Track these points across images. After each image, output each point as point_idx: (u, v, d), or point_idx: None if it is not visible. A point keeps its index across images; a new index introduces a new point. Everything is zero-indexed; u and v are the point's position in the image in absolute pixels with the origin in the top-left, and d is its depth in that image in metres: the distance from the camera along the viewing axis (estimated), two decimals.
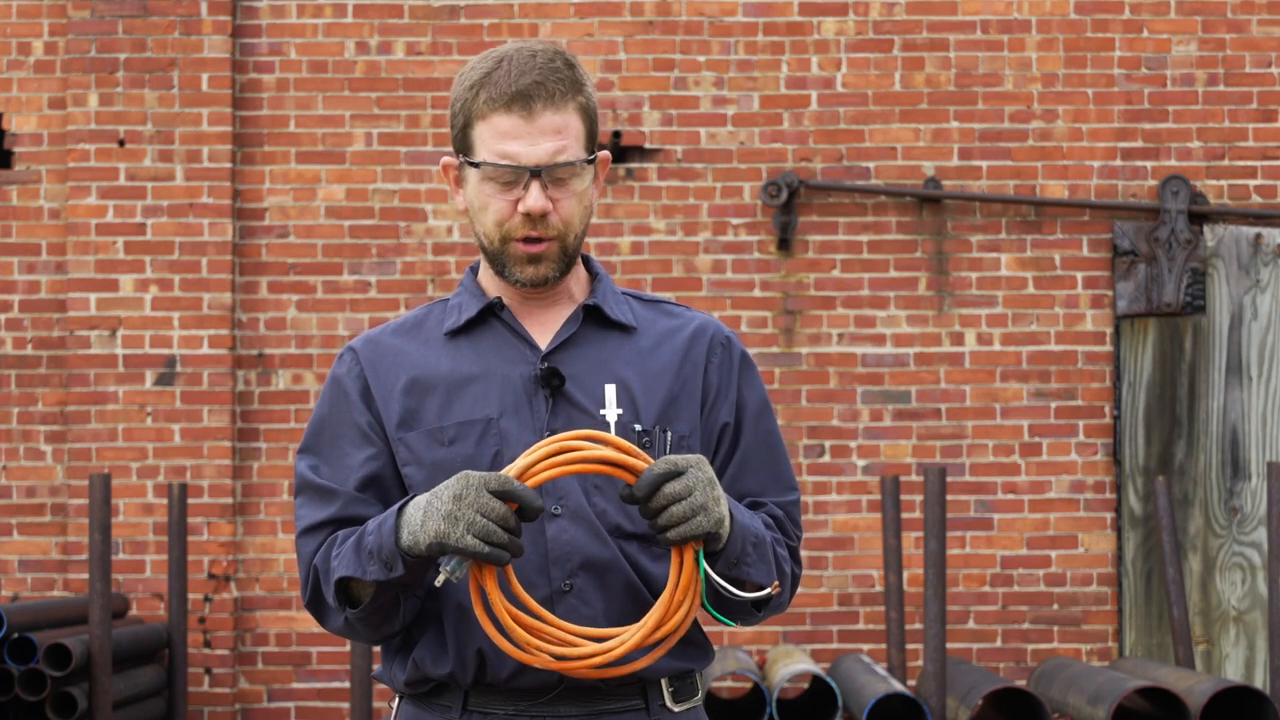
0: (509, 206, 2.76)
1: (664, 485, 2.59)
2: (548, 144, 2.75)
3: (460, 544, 2.55)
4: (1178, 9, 8.94)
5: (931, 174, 8.92)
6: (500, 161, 2.74)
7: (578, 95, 2.77)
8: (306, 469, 2.82)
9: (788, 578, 2.80)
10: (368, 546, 2.67)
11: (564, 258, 2.79)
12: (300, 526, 2.80)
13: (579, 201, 2.78)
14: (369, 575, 2.66)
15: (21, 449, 8.82)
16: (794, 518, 2.85)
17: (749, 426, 2.85)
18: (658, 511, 2.59)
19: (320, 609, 2.79)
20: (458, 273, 8.81)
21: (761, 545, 2.71)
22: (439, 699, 2.79)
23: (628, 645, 2.61)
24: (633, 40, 8.94)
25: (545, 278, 2.79)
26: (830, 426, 8.85)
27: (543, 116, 2.74)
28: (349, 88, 8.90)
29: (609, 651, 2.61)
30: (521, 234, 2.76)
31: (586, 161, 2.78)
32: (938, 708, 7.53)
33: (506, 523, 2.56)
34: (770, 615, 2.82)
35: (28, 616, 7.73)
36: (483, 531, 2.55)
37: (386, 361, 2.83)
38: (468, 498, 2.56)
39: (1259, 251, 8.91)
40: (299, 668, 8.80)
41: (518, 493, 2.57)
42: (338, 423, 2.82)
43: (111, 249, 8.76)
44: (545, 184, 2.74)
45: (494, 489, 2.56)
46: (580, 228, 2.79)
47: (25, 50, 8.87)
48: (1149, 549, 8.81)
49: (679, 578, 2.62)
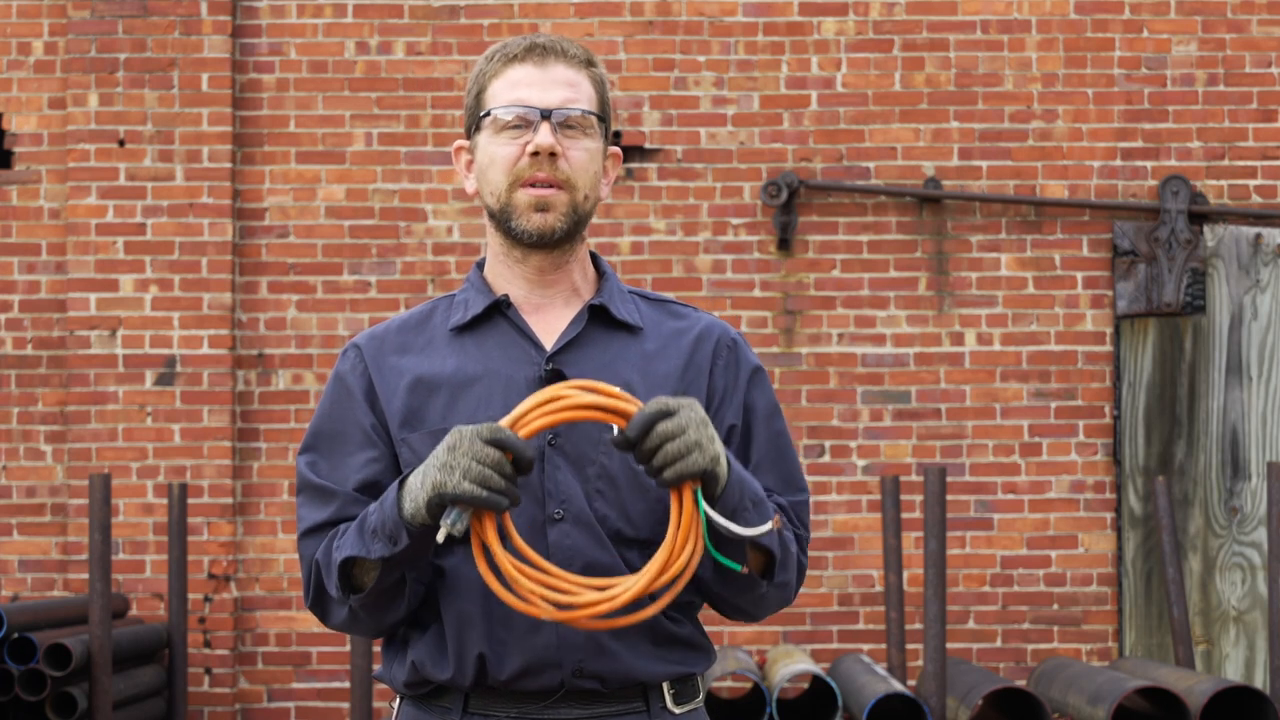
0: (518, 150, 2.76)
1: (656, 424, 2.56)
2: (560, 91, 2.77)
3: (457, 490, 2.53)
4: (1178, 9, 8.94)
5: (931, 174, 8.92)
6: (512, 105, 2.76)
7: (592, 68, 2.81)
8: (306, 467, 2.80)
9: (792, 556, 2.76)
10: (371, 525, 2.65)
11: (573, 213, 2.77)
12: (301, 528, 2.79)
13: (589, 158, 2.78)
14: (373, 553, 2.64)
15: (21, 449, 8.82)
16: (802, 518, 2.82)
17: (759, 428, 2.83)
18: (651, 452, 2.56)
19: (323, 605, 2.78)
20: (458, 272, 8.81)
21: (762, 504, 2.67)
22: (440, 700, 2.78)
23: (632, 592, 2.57)
24: (633, 40, 8.94)
25: (553, 229, 2.77)
26: (830, 426, 8.85)
27: (555, 68, 2.78)
28: (349, 88, 8.90)
29: (613, 599, 2.57)
30: (529, 175, 2.75)
31: (598, 118, 2.79)
32: (938, 708, 7.53)
33: (502, 469, 2.54)
34: (777, 605, 2.79)
35: (28, 616, 7.73)
36: (479, 477, 2.53)
37: (391, 360, 2.82)
38: (461, 447, 2.54)
39: (1259, 251, 8.91)
40: (299, 668, 8.80)
41: (510, 441, 2.54)
42: (340, 421, 2.81)
43: (111, 249, 8.75)
44: (555, 128, 2.75)
45: (486, 438, 2.54)
46: (588, 188, 2.78)
47: (25, 50, 8.87)
48: (1149, 549, 8.81)
49: (679, 519, 2.57)
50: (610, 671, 2.74)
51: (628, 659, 2.74)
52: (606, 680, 2.74)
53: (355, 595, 2.72)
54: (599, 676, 2.74)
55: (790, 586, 2.79)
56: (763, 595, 2.76)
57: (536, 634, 2.72)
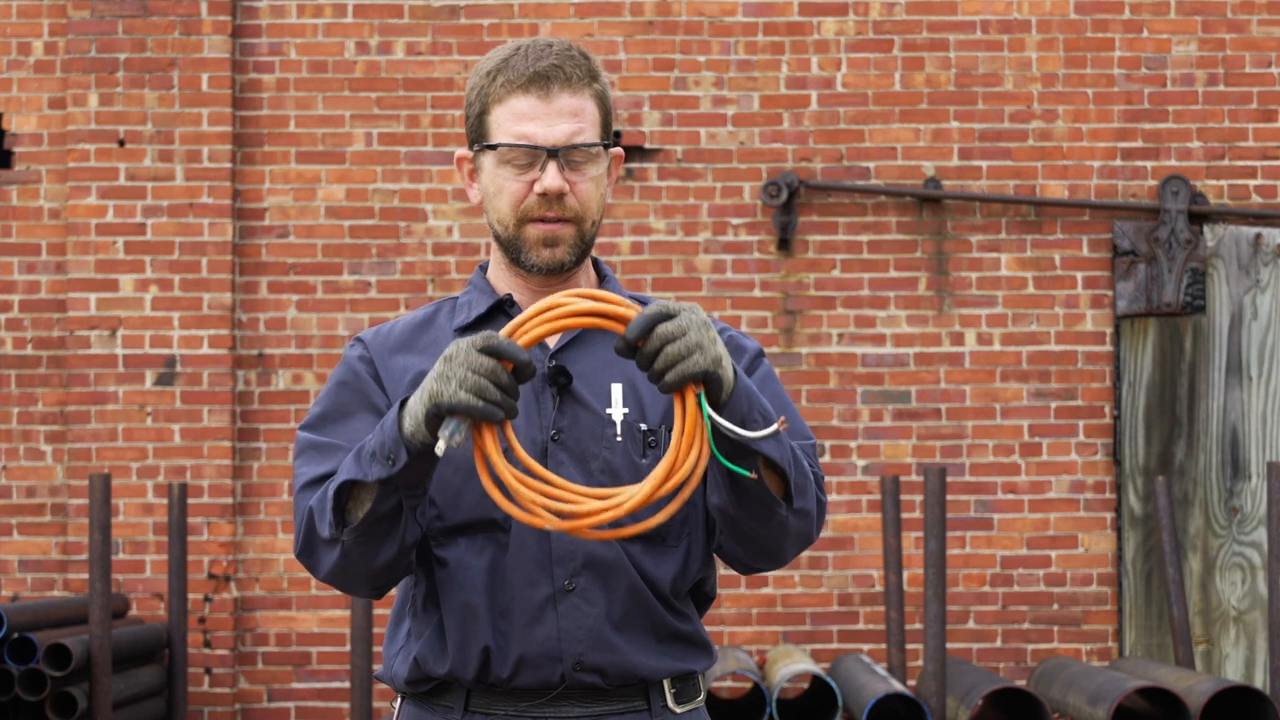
0: (525, 188, 2.75)
1: (656, 326, 2.52)
2: (565, 125, 2.74)
3: (453, 400, 2.50)
4: (1178, 9, 8.94)
5: (931, 174, 8.92)
6: (517, 142, 2.74)
7: (594, 83, 2.78)
8: (309, 435, 2.77)
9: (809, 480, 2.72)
10: (369, 449, 2.61)
11: (580, 243, 2.77)
12: (299, 482, 2.74)
13: (595, 187, 2.77)
14: (371, 475, 2.60)
15: (21, 449, 8.82)
16: (812, 457, 2.79)
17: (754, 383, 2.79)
18: (652, 355, 2.51)
19: (313, 551, 2.71)
20: (458, 272, 8.81)
21: (771, 418, 2.61)
22: (441, 699, 2.78)
23: (636, 500, 2.51)
24: (633, 40, 8.94)
25: (562, 262, 2.77)
26: (830, 426, 8.85)
27: (560, 98, 2.75)
28: (349, 88, 8.90)
29: (617, 506, 2.51)
30: (538, 213, 2.74)
31: (603, 146, 2.78)
32: (938, 708, 7.53)
33: (497, 378, 2.51)
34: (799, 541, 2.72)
35: (28, 616, 7.73)
36: (475, 387, 2.50)
37: (395, 354, 2.82)
38: (458, 357, 2.51)
39: (1259, 251, 8.91)
40: (299, 668, 8.80)
41: (505, 348, 2.50)
42: (347, 397, 2.79)
43: (111, 249, 8.75)
44: (562, 165, 2.74)
45: (481, 346, 2.51)
46: (596, 215, 2.78)
47: (25, 50, 8.87)
48: (1149, 549, 8.81)
49: (683, 424, 2.50)
50: (611, 665, 2.73)
51: (629, 653, 2.74)
52: (607, 674, 2.74)
53: (348, 528, 2.66)
54: (600, 671, 2.73)
55: (811, 516, 2.74)
56: (783, 521, 2.70)
57: (537, 626, 2.71)
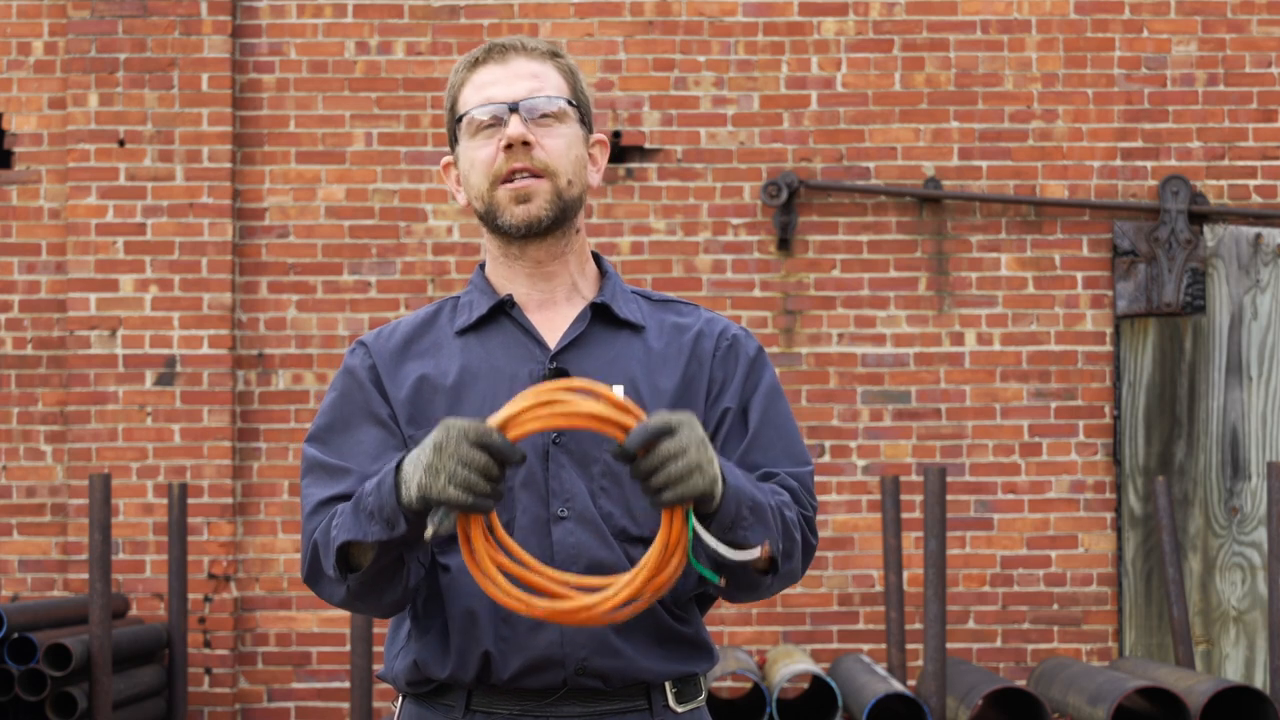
0: (494, 150, 2.79)
1: (659, 443, 2.53)
2: (524, 84, 2.80)
3: (442, 495, 2.51)
4: (1178, 9, 8.94)
5: (931, 174, 8.92)
6: (480, 104, 2.79)
7: (558, 59, 2.84)
8: (316, 452, 2.79)
9: (797, 544, 2.74)
10: (367, 507, 2.63)
11: (557, 199, 2.79)
12: (308, 505, 2.76)
13: (565, 144, 2.80)
14: (370, 536, 2.62)
15: (21, 449, 8.82)
16: (808, 487, 2.81)
17: (757, 404, 2.82)
18: (651, 471, 2.53)
19: (319, 582, 2.75)
20: (458, 272, 8.81)
21: (760, 510, 2.65)
22: (442, 699, 2.78)
23: (617, 599, 2.55)
24: (633, 40, 8.94)
25: (538, 218, 2.78)
26: (830, 426, 8.85)
27: (517, 62, 2.82)
28: (349, 88, 8.90)
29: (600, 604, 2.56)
30: (507, 170, 2.77)
31: (570, 104, 2.81)
32: (938, 708, 7.53)
33: (488, 472, 2.52)
34: (784, 585, 2.77)
35: (28, 616, 7.73)
36: (463, 483, 2.51)
37: (397, 358, 2.83)
38: (448, 449, 2.52)
39: (1259, 251, 8.91)
40: (299, 668, 8.80)
41: (496, 446, 2.52)
42: (351, 408, 2.80)
43: (111, 249, 8.75)
44: (525, 119, 2.78)
45: (473, 440, 2.52)
46: (570, 173, 2.80)
47: (25, 50, 8.87)
48: (1149, 549, 8.81)
49: (668, 535, 2.55)
50: (613, 669, 2.74)
51: (631, 657, 2.74)
52: (609, 678, 2.74)
53: (352, 575, 2.69)
54: (602, 675, 2.74)
55: (797, 573, 2.78)
56: (768, 587, 2.76)
57: (540, 632, 2.72)
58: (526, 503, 2.73)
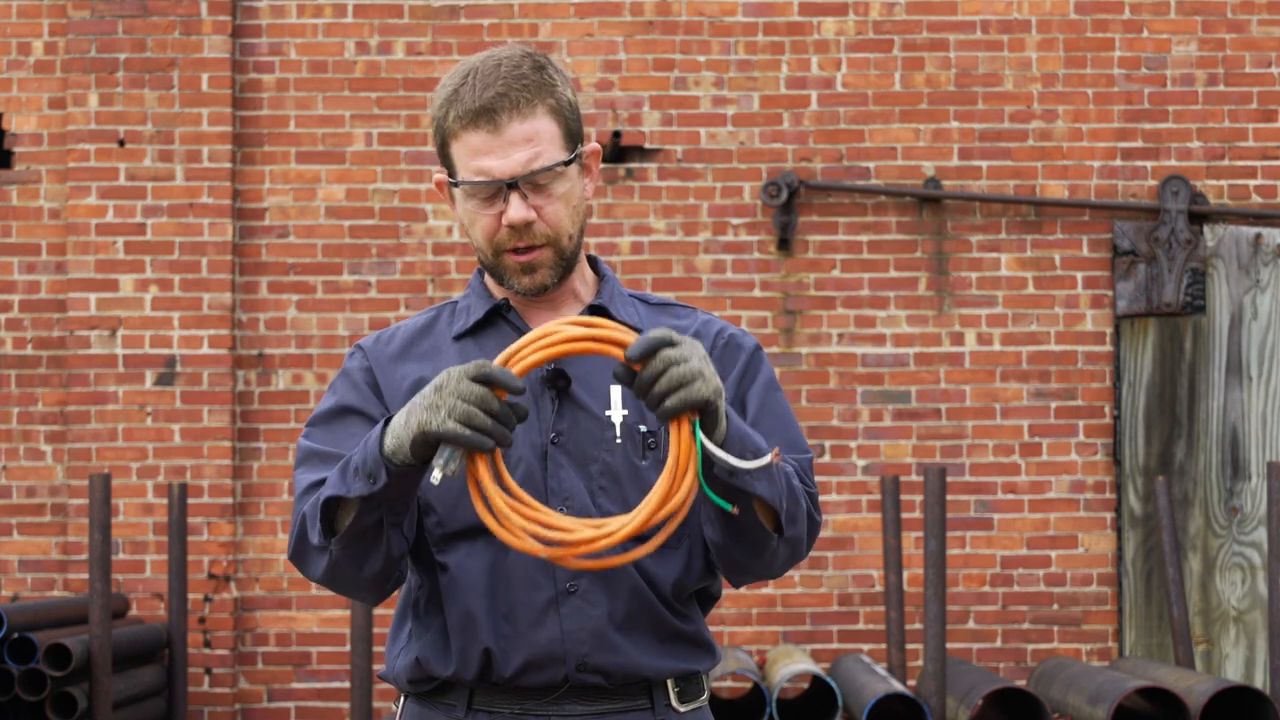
0: (494, 220, 2.76)
1: (660, 350, 2.51)
2: (519, 154, 2.73)
3: (442, 429, 2.50)
4: (1178, 9, 8.94)
5: (931, 174, 8.92)
6: (476, 179, 2.74)
7: (546, 98, 2.75)
8: (309, 442, 2.79)
9: (801, 509, 2.72)
10: (353, 464, 2.62)
11: (560, 262, 2.78)
12: (300, 487, 2.75)
13: (565, 204, 2.76)
14: (353, 491, 2.61)
15: (21, 449, 8.82)
16: (809, 472, 2.79)
17: (755, 396, 2.81)
18: (653, 379, 2.50)
19: (304, 555, 2.73)
20: (458, 272, 8.81)
21: (761, 454, 2.61)
22: (444, 698, 2.79)
23: (626, 530, 2.50)
24: (633, 40, 8.94)
25: (543, 284, 2.78)
26: (830, 426, 8.85)
27: (509, 128, 2.73)
28: (349, 88, 8.90)
29: (607, 536, 2.50)
30: (510, 245, 2.76)
31: (565, 163, 2.76)
32: (938, 708, 7.54)
33: (488, 405, 2.51)
34: (789, 556, 2.73)
35: (28, 616, 7.73)
36: (464, 416, 2.50)
37: (395, 361, 2.84)
38: (449, 386, 2.52)
39: (1259, 251, 8.91)
40: (299, 668, 8.80)
41: (497, 375, 2.50)
42: (347, 409, 2.81)
43: (111, 249, 8.75)
44: (524, 194, 2.74)
45: (473, 375, 2.51)
46: (572, 229, 2.78)
47: (25, 50, 8.87)
48: (1149, 549, 8.81)
49: (677, 453, 2.50)
50: (614, 666, 2.74)
51: (632, 654, 2.74)
52: (610, 675, 2.74)
53: (335, 539, 2.68)
54: (603, 671, 2.74)
55: (802, 541, 2.75)
56: (775, 550, 2.72)
57: (541, 629, 2.72)
58: None
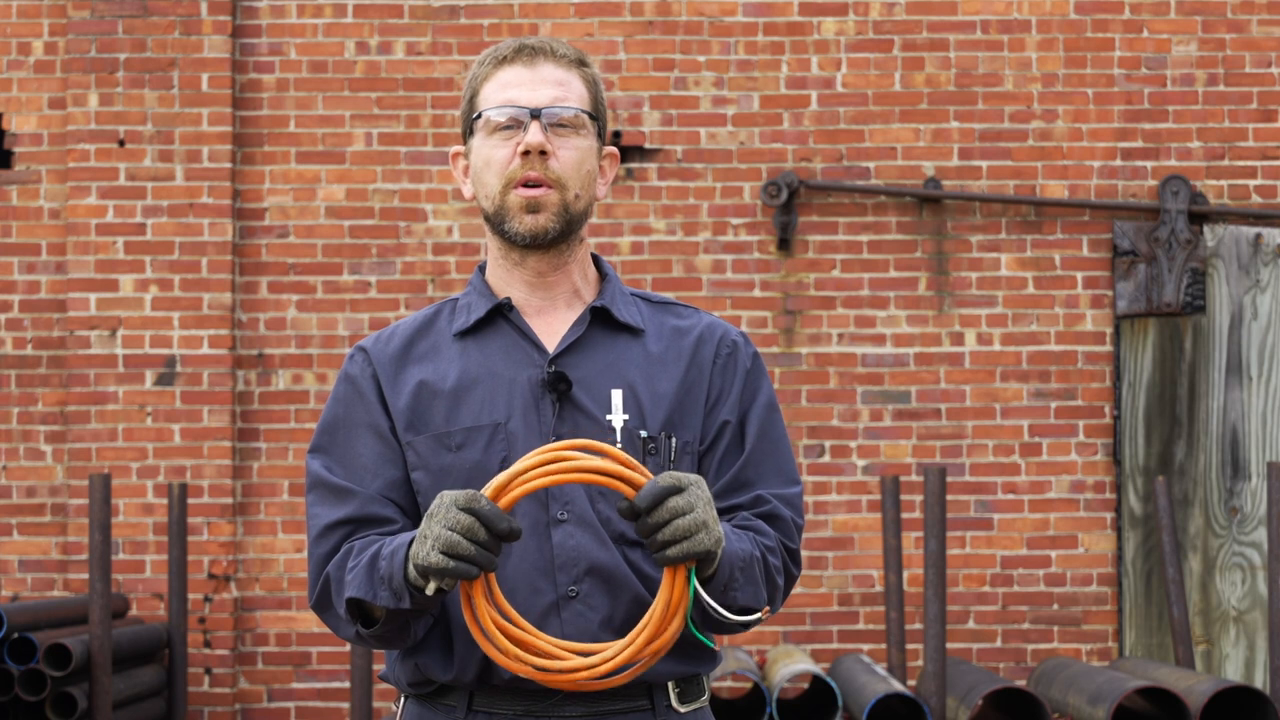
0: (510, 152, 2.78)
1: (667, 500, 2.55)
2: (549, 90, 2.78)
3: (426, 561, 2.54)
4: (1178, 9, 8.94)
5: (931, 174, 8.92)
6: (502, 105, 2.78)
7: (583, 66, 2.82)
8: (320, 467, 2.80)
9: (779, 591, 2.77)
10: (380, 571, 2.66)
11: (564, 213, 2.78)
12: (315, 527, 2.77)
13: (579, 156, 2.79)
14: (380, 600, 2.65)
15: (21, 449, 8.82)
16: (796, 508, 2.82)
17: (753, 422, 2.83)
18: (658, 526, 2.55)
19: (327, 614, 2.78)
20: (458, 272, 8.81)
21: (750, 567, 2.68)
22: (444, 699, 2.79)
23: (615, 662, 2.59)
24: (633, 40, 8.94)
25: (545, 229, 2.77)
26: (830, 426, 8.85)
27: (544, 68, 2.79)
28: (349, 88, 8.90)
29: (593, 667, 2.59)
30: (521, 176, 2.76)
31: (590, 116, 2.80)
32: (938, 708, 7.53)
33: (473, 534, 2.53)
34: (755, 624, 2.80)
35: (28, 616, 7.73)
36: (447, 545, 2.53)
37: (396, 363, 2.83)
38: (438, 514, 2.55)
39: (1259, 251, 8.91)
40: (299, 668, 8.80)
41: (482, 512, 2.54)
42: (352, 421, 2.81)
43: (111, 249, 8.75)
44: (545, 127, 2.76)
45: (462, 505, 2.54)
46: (579, 186, 2.79)
47: (25, 50, 8.87)
48: (1149, 549, 8.81)
49: (670, 595, 2.58)
50: None
51: None
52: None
53: (364, 628, 2.73)
54: None
55: (778, 601, 2.81)
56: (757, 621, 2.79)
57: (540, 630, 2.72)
58: (526, 506, 2.74)
